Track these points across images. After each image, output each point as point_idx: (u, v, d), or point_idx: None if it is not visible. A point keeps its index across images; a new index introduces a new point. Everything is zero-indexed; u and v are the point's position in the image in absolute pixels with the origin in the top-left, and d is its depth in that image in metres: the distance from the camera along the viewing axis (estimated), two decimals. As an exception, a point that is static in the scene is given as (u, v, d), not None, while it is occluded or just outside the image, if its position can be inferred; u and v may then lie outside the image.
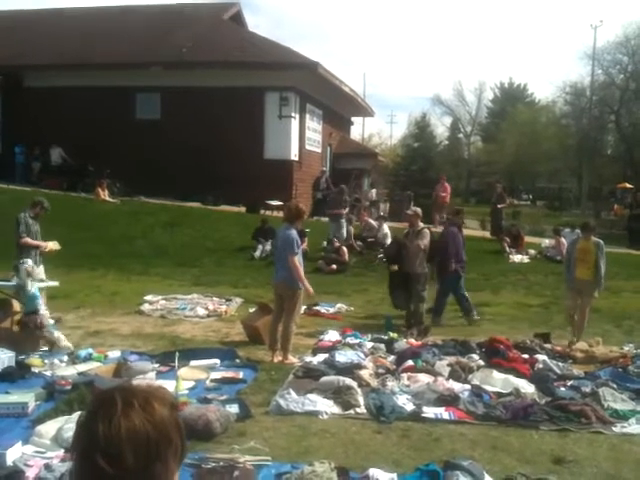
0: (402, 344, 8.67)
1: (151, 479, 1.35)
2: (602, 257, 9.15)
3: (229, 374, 7.29)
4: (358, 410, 6.20)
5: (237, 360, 7.94)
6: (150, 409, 1.37)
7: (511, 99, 69.86)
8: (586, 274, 9.16)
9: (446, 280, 10.75)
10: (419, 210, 10.77)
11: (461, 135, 77.39)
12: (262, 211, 20.54)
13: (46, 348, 8.28)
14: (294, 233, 8.13)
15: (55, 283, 9.66)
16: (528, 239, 19.48)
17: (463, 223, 11.61)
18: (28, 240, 9.59)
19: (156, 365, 7.53)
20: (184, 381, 6.81)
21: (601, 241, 9.36)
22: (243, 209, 21.29)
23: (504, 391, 6.74)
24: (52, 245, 10.23)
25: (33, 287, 8.27)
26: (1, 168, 22.71)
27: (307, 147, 25.06)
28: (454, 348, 8.46)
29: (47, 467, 4.67)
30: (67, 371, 7.17)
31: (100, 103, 22.65)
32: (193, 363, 7.60)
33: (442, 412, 6.16)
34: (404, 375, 7.22)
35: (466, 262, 11.21)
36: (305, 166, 24.58)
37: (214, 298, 11.99)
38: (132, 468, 1.31)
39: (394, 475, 4.68)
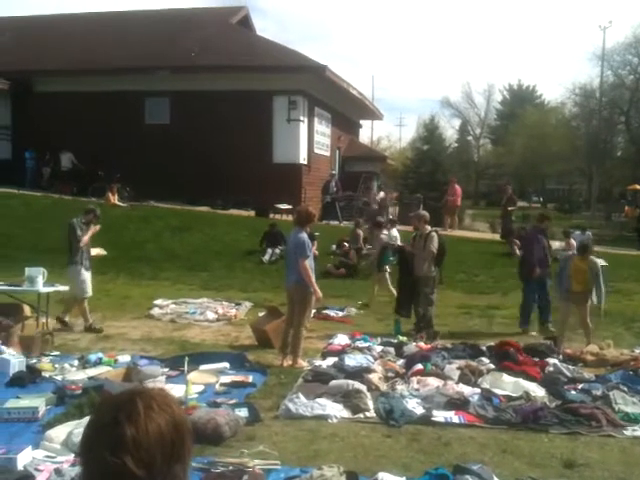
0: (411, 347, 8.65)
1: (173, 479, 1.37)
2: (599, 275, 8.99)
3: (238, 378, 7.30)
4: (367, 414, 6.19)
5: (246, 364, 7.94)
6: (170, 410, 1.40)
7: (520, 101, 69.76)
8: (579, 287, 9.06)
9: (529, 286, 10.50)
10: (423, 213, 10.67)
11: (470, 137, 77.37)
12: (271, 215, 20.57)
13: (57, 353, 8.33)
14: (305, 236, 8.15)
15: (65, 288, 9.70)
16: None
17: (547, 229, 11.33)
18: (86, 239, 9.87)
19: (166, 369, 7.54)
20: (194, 385, 6.82)
21: (597, 262, 9.18)
22: (252, 213, 21.32)
23: (514, 394, 6.71)
24: (99, 250, 10.43)
25: None
26: (12, 173, 22.85)
27: (316, 151, 25.08)
28: (464, 351, 8.43)
29: (57, 472, 4.69)
30: (77, 375, 7.21)
31: (109, 108, 22.77)
32: (203, 367, 7.62)
33: (452, 416, 6.15)
34: (413, 379, 7.20)
35: (550, 267, 10.77)
36: (314, 170, 24.60)
37: (223, 302, 12.01)
38: (158, 469, 1.34)
39: (403, 479, 4.67)
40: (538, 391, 6.86)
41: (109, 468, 1.31)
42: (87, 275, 9.95)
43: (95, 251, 10.37)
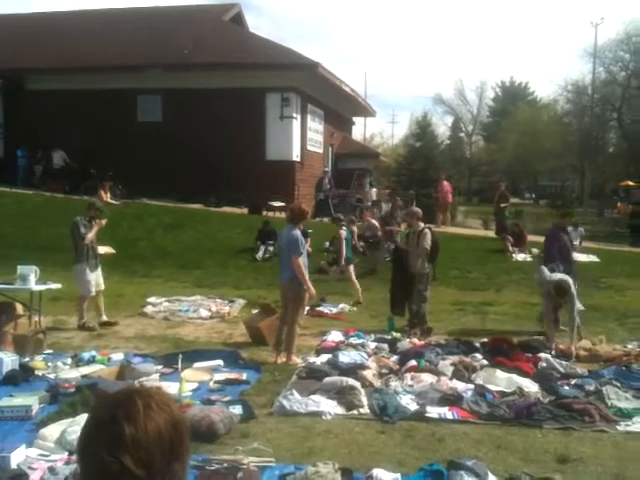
0: (405, 344, 8.66)
1: (171, 478, 1.37)
2: (573, 306, 8.77)
3: (232, 375, 7.29)
4: (361, 410, 6.20)
5: (240, 361, 7.94)
6: (169, 410, 1.40)
7: (512, 98, 69.96)
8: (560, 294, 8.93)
9: None
10: (416, 210, 10.65)
11: (463, 134, 77.47)
12: (264, 212, 20.56)
13: (50, 351, 8.30)
14: (298, 233, 8.14)
15: (58, 285, 9.67)
16: (531, 238, 19.44)
17: (567, 225, 11.08)
18: (90, 236, 9.73)
19: (159, 367, 7.53)
20: (187, 383, 6.81)
21: (575, 294, 8.87)
22: (245, 210, 21.31)
23: (508, 390, 6.73)
24: (107, 249, 10.30)
25: None
26: (3, 171, 22.77)
27: (309, 148, 25.07)
28: (457, 347, 8.45)
29: (51, 470, 4.68)
30: (70, 374, 7.18)
31: (102, 106, 22.71)
32: (196, 365, 7.61)
33: (446, 412, 6.16)
34: (407, 375, 7.21)
35: (573, 264, 10.35)
36: (307, 167, 24.59)
37: (217, 300, 11.98)
38: (158, 468, 1.33)
39: (398, 475, 4.68)
40: (531, 387, 6.89)
41: (107, 467, 1.31)
42: (92, 275, 9.81)
43: (103, 249, 10.22)
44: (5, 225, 17.41)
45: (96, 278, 9.96)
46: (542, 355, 8.08)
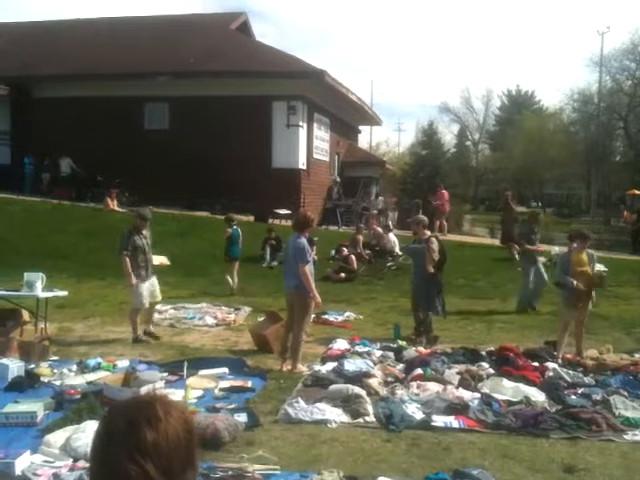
0: (411, 352, 8.63)
1: None
2: (594, 260, 9.00)
3: (238, 383, 7.27)
4: (367, 419, 6.17)
5: (246, 369, 7.93)
6: (184, 417, 1.41)
7: (518, 106, 70.03)
8: (585, 285, 8.91)
9: None
10: (422, 218, 10.60)
11: (469, 143, 77.52)
12: (270, 220, 20.57)
13: (56, 357, 8.31)
14: (304, 241, 8.13)
15: (64, 293, 9.68)
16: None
17: None
18: (126, 261, 9.18)
19: (165, 374, 7.52)
20: (193, 390, 6.80)
21: (593, 252, 9.17)
22: (251, 218, 21.33)
23: (514, 399, 6.69)
24: (162, 260, 10.05)
25: None
26: (11, 179, 22.87)
27: (315, 156, 25.11)
28: (463, 356, 8.41)
29: (56, 477, 4.67)
30: (76, 380, 7.18)
31: (109, 113, 22.82)
32: (202, 372, 7.60)
33: (452, 421, 6.13)
34: (413, 383, 7.19)
35: None
36: (313, 175, 24.63)
37: (223, 307, 11.99)
38: (175, 473, 1.34)
39: (403, 484, 4.66)
40: (538, 396, 6.84)
41: (125, 473, 1.30)
42: (143, 286, 9.36)
43: (158, 260, 9.91)
44: (12, 232, 17.47)
45: (150, 289, 9.54)
46: (549, 364, 8.04)
